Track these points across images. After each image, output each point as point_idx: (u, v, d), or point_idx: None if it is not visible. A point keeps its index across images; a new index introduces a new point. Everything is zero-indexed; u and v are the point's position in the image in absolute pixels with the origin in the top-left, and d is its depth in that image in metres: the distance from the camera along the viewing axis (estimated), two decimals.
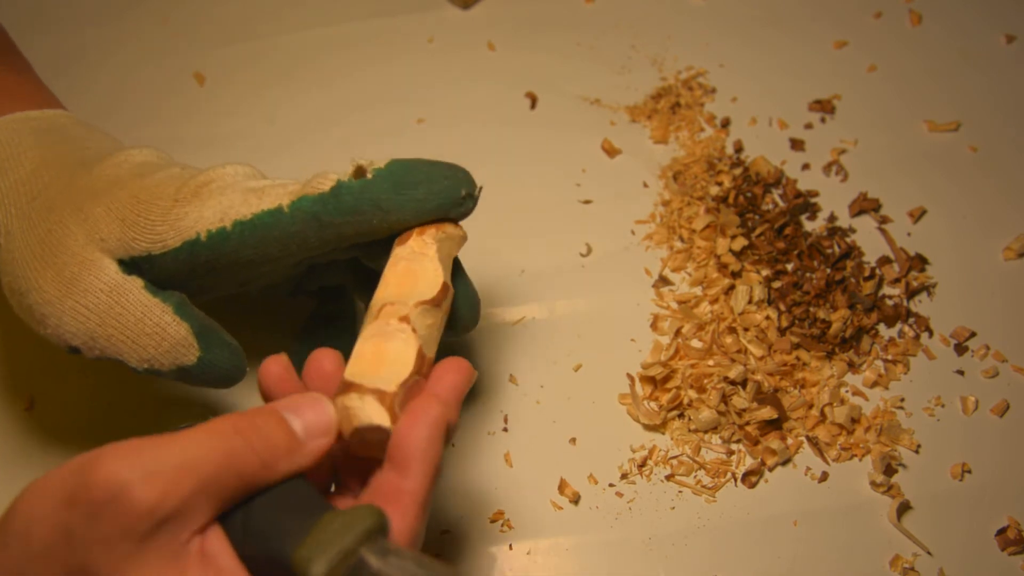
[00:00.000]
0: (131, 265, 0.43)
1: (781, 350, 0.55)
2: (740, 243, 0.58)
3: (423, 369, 0.39)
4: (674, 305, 0.57)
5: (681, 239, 0.60)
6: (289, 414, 0.34)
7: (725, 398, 0.53)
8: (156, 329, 0.42)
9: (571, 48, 0.69)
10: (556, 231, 0.61)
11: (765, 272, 0.58)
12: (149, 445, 0.31)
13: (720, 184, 0.61)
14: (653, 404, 0.54)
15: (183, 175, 0.45)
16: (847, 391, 0.55)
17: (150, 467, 0.30)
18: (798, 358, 0.55)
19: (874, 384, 0.55)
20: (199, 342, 0.43)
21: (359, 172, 0.43)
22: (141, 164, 0.46)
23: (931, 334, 0.57)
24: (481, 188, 0.45)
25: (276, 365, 0.38)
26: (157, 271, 0.43)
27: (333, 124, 0.66)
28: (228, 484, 0.32)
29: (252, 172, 0.46)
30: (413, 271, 0.42)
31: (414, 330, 0.39)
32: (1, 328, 0.57)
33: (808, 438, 0.53)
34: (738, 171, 0.62)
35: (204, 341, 0.43)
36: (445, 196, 0.43)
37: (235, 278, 0.46)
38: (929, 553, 0.50)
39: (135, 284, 0.43)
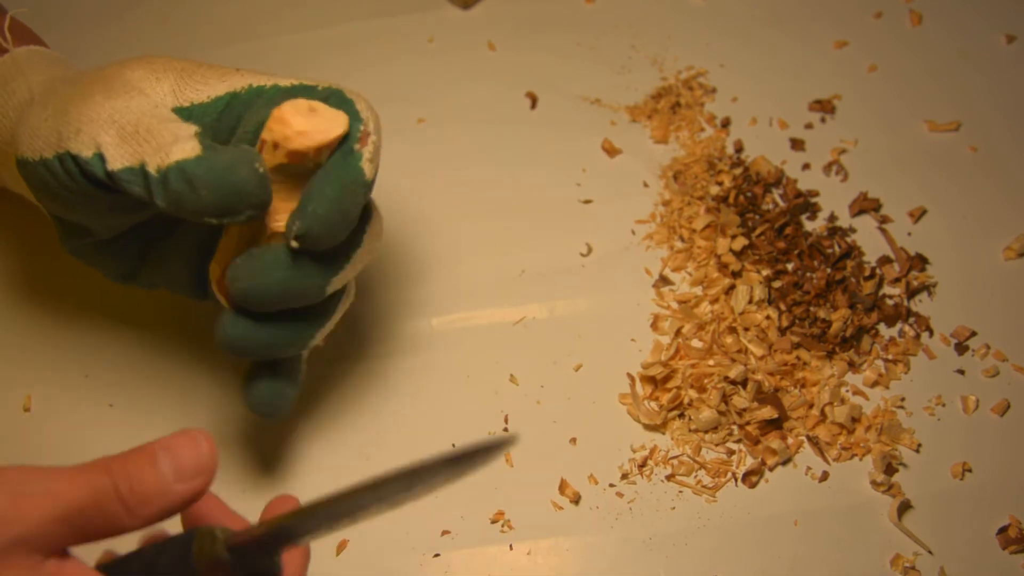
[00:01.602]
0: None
1: (781, 350, 0.55)
2: (740, 243, 0.58)
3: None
4: (674, 305, 0.57)
5: (681, 239, 0.60)
6: (162, 454, 0.33)
7: (725, 398, 0.53)
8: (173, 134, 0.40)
9: (571, 48, 0.69)
10: (556, 231, 0.61)
11: (765, 272, 0.58)
12: (18, 472, 0.31)
13: (720, 184, 0.61)
14: (653, 404, 0.54)
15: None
16: (847, 391, 0.55)
17: (16, 489, 0.31)
18: (798, 358, 0.55)
19: (874, 384, 0.55)
20: (203, 148, 0.40)
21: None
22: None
23: (931, 333, 0.57)
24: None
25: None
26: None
27: None
28: (92, 520, 0.32)
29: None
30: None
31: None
32: (1, 328, 0.56)
33: (808, 438, 0.53)
34: (738, 171, 0.62)
35: (211, 148, 0.40)
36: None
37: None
38: (930, 552, 0.50)
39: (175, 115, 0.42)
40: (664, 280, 0.58)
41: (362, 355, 0.56)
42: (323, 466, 0.52)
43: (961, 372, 0.56)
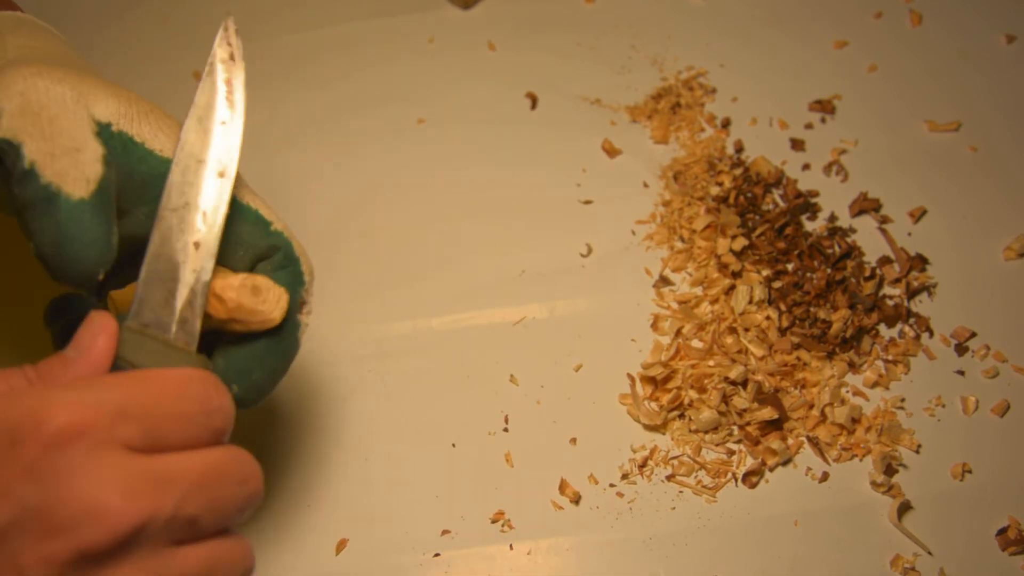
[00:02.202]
0: (114, 142, 0.39)
1: (782, 350, 0.55)
2: (740, 243, 0.58)
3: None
4: (674, 305, 0.57)
5: (681, 239, 0.60)
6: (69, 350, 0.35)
7: (726, 398, 0.53)
8: (75, 135, 0.37)
9: (571, 48, 0.69)
10: (557, 231, 0.61)
11: (766, 272, 0.58)
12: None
13: (720, 184, 0.61)
14: (654, 404, 0.54)
15: None
16: (848, 391, 0.55)
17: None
18: (799, 358, 0.55)
19: (875, 384, 0.55)
20: (97, 193, 0.36)
21: None
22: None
23: (931, 334, 0.57)
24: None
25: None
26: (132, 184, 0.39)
27: (333, 123, 0.66)
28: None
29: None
30: None
31: None
32: (1, 328, 0.56)
33: (809, 438, 0.53)
34: (738, 171, 0.62)
35: (104, 202, 0.37)
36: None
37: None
38: (930, 553, 0.50)
39: (94, 128, 0.38)
40: (664, 280, 0.58)
41: (363, 355, 0.56)
42: (323, 466, 0.52)
43: (961, 373, 0.56)
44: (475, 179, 0.63)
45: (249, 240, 0.41)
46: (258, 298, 0.40)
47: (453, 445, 0.53)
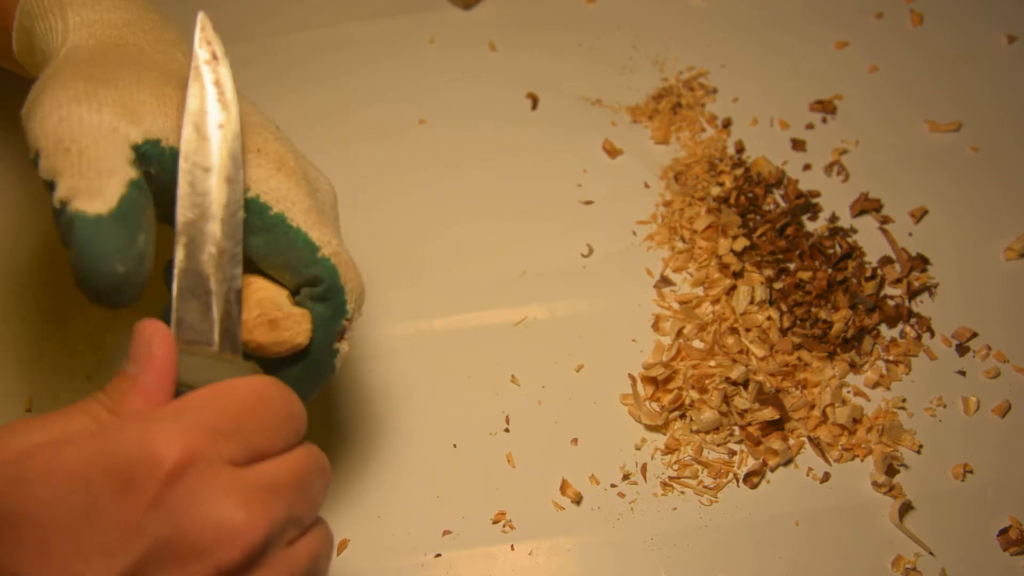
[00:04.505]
0: (159, 157, 0.39)
1: (783, 350, 0.55)
2: (741, 243, 0.58)
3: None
4: (675, 305, 0.57)
5: (682, 239, 0.60)
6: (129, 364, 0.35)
7: (727, 399, 0.53)
8: (101, 156, 0.37)
9: (572, 48, 0.69)
10: (557, 231, 0.61)
11: (767, 272, 0.58)
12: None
13: (721, 184, 0.61)
14: (655, 405, 0.54)
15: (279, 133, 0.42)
16: (849, 391, 0.55)
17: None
18: (800, 358, 0.55)
19: (876, 384, 0.55)
20: (117, 209, 0.36)
21: None
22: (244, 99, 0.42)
23: (933, 334, 0.57)
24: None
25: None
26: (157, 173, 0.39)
27: (333, 124, 0.66)
28: None
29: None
30: None
31: None
32: (1, 328, 0.56)
33: (810, 438, 0.53)
34: (739, 171, 0.62)
35: (124, 217, 0.36)
36: None
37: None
38: (931, 553, 0.50)
39: (131, 156, 0.38)
40: (665, 281, 0.58)
41: (363, 356, 0.56)
42: None
43: (962, 373, 0.56)
44: (475, 179, 0.63)
45: (296, 266, 0.40)
46: (275, 332, 0.39)
47: (454, 445, 0.53)
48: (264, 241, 0.40)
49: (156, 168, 0.38)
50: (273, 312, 0.39)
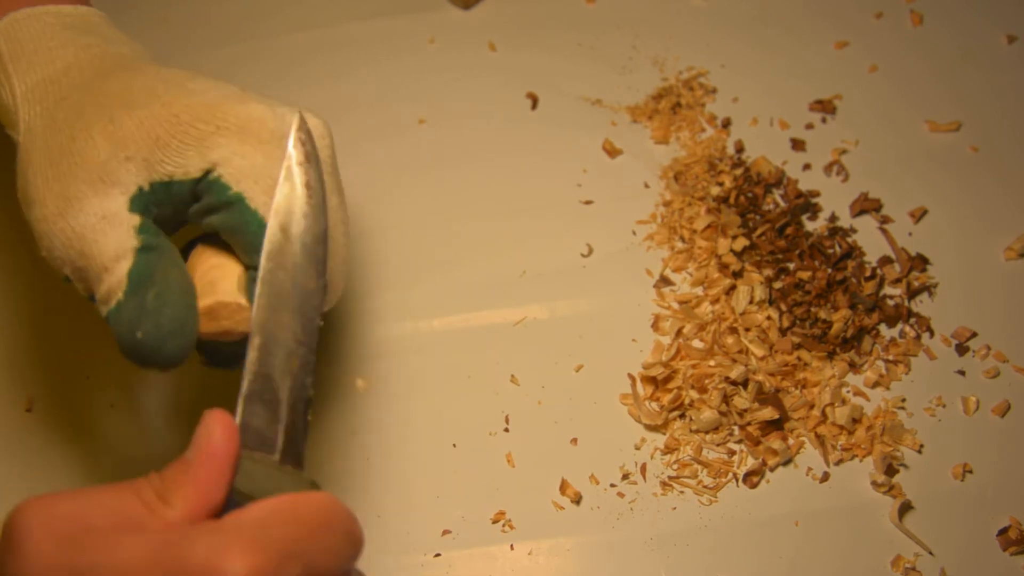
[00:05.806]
0: (147, 195, 0.40)
1: (782, 350, 0.55)
2: (741, 243, 0.58)
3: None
4: (675, 305, 0.57)
5: (682, 239, 0.60)
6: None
7: (726, 398, 0.53)
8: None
9: (572, 48, 0.69)
10: (557, 231, 0.61)
11: (766, 272, 0.58)
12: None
13: (721, 184, 0.61)
14: (654, 404, 0.54)
15: (239, 95, 0.42)
16: (848, 391, 0.55)
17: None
18: (799, 358, 0.55)
19: (875, 384, 0.55)
20: (128, 285, 0.38)
21: None
22: (187, 79, 0.42)
23: (932, 334, 0.57)
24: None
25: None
26: (172, 202, 0.40)
27: (333, 124, 0.65)
28: None
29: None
30: None
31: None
32: (1, 329, 0.56)
33: (816, 434, 0.53)
34: (739, 171, 0.62)
35: (136, 287, 0.38)
36: None
37: None
38: (931, 553, 0.50)
39: (132, 220, 0.39)
40: (665, 280, 0.58)
41: (363, 356, 0.56)
42: (323, 467, 0.52)
43: (962, 373, 0.56)
44: (475, 179, 0.63)
45: (249, 251, 0.40)
46: (217, 322, 0.39)
47: (454, 445, 0.53)
48: (220, 220, 0.40)
49: (159, 195, 0.40)
50: (209, 304, 0.39)
